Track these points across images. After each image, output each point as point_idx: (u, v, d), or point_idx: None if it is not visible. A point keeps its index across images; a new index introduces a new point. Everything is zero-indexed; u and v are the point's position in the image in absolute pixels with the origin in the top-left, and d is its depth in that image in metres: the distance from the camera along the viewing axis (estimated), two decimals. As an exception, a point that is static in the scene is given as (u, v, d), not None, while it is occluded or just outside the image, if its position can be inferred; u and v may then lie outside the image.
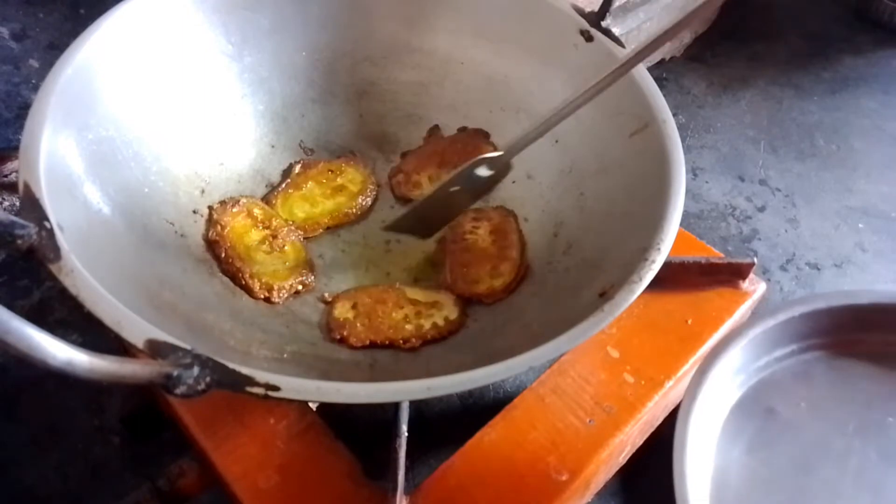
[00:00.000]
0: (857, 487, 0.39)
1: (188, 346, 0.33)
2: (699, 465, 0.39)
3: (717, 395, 0.41)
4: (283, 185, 0.62)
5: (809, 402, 0.42)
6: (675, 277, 0.58)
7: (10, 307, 0.23)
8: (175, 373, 0.31)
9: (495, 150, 0.64)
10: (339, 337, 0.52)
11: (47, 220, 0.37)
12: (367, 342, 0.52)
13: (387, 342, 0.52)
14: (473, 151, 0.64)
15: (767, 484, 0.40)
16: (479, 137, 0.66)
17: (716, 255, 0.62)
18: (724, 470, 0.40)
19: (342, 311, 0.54)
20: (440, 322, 0.53)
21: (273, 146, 0.64)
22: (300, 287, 0.56)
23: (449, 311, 0.54)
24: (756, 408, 0.43)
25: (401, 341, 0.52)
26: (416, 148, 0.67)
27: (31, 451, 0.73)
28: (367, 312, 0.53)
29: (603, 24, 0.58)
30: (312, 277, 0.57)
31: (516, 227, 0.60)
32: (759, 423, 0.42)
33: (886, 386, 0.43)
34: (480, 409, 0.78)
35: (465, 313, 0.55)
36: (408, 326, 0.53)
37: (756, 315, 0.44)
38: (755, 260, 0.59)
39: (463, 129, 0.67)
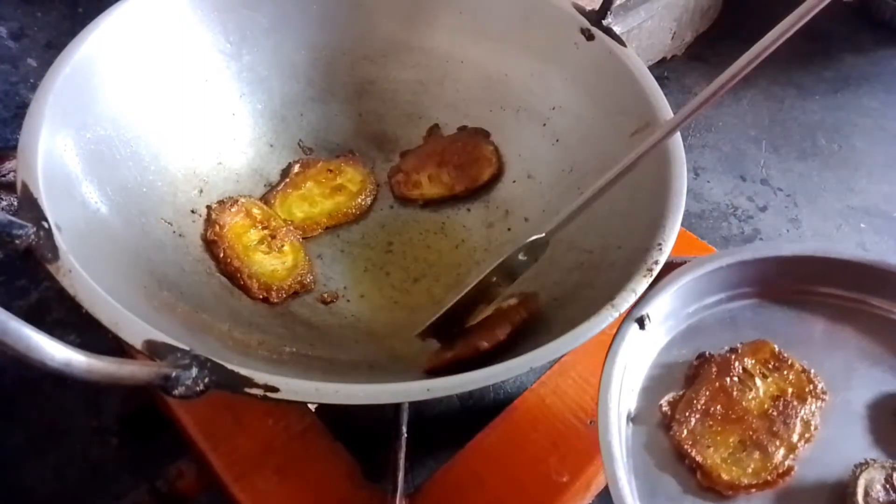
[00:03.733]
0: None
1: (186, 347, 0.32)
2: (623, 404, 0.41)
3: (646, 339, 0.44)
4: (282, 185, 0.62)
5: (733, 345, 0.45)
6: (676, 277, 0.58)
7: (8, 307, 0.23)
8: (173, 374, 0.30)
9: (495, 148, 0.64)
10: None
11: (45, 219, 0.37)
12: None
13: None
14: (473, 150, 0.64)
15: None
16: (479, 136, 0.66)
17: (717, 255, 0.62)
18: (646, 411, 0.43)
19: None
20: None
21: (272, 145, 0.64)
22: (299, 287, 0.55)
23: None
24: (682, 351, 0.46)
25: None
26: (415, 147, 0.67)
27: (29, 452, 0.73)
28: None
29: (604, 22, 0.58)
30: (311, 278, 0.57)
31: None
32: (683, 361, 0.45)
33: (804, 331, 0.46)
34: (480, 410, 0.78)
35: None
36: None
37: (686, 265, 0.45)
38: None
39: (463, 128, 0.66)
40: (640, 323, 0.42)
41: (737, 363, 0.43)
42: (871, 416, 0.42)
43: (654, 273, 0.42)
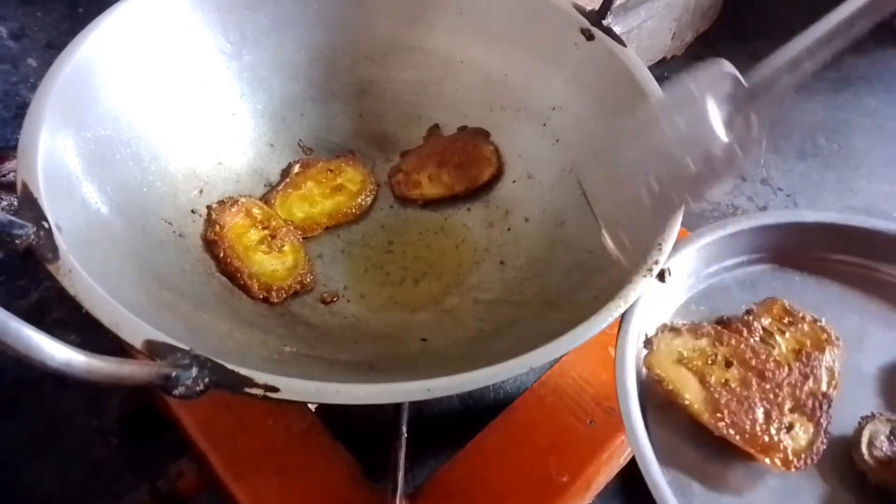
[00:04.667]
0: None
1: (186, 347, 0.32)
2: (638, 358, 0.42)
3: (665, 295, 0.45)
4: (282, 185, 0.62)
5: (750, 306, 0.46)
6: (676, 277, 0.58)
7: (8, 307, 0.23)
8: (173, 373, 0.30)
9: (495, 148, 0.64)
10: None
11: (45, 219, 0.37)
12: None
13: None
14: (473, 150, 0.64)
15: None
16: (480, 136, 0.66)
17: (717, 254, 0.62)
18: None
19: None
20: None
21: (272, 145, 0.64)
22: (299, 287, 0.55)
23: None
24: (700, 308, 0.47)
25: None
26: (415, 147, 0.67)
27: (29, 452, 0.73)
28: None
29: (604, 22, 0.58)
30: (311, 278, 0.57)
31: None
32: (701, 319, 0.46)
33: (821, 297, 0.48)
34: (481, 410, 0.78)
35: None
36: None
37: (708, 226, 0.47)
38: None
39: (463, 128, 0.66)
40: (661, 276, 0.43)
41: (755, 323, 0.44)
42: (882, 378, 0.43)
43: (655, 273, 0.42)
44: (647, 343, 0.42)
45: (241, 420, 0.50)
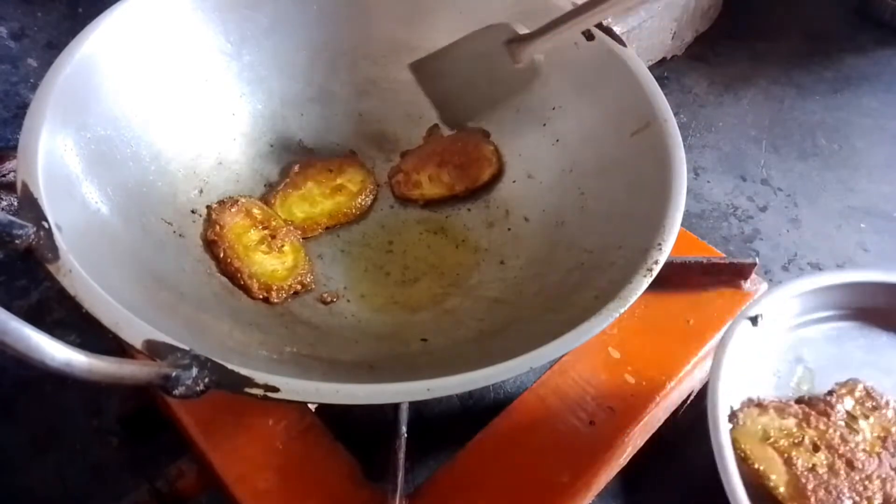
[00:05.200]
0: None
1: (187, 347, 0.32)
2: (731, 389, 0.42)
3: (755, 339, 0.45)
4: (282, 185, 0.62)
5: (836, 361, 0.46)
6: (676, 278, 0.58)
7: (9, 308, 0.23)
8: (173, 373, 0.30)
9: (495, 148, 0.64)
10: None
11: (45, 219, 0.37)
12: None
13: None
14: (473, 150, 0.64)
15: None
16: (479, 136, 0.66)
17: (717, 255, 0.62)
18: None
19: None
20: None
21: (272, 145, 0.64)
22: (299, 287, 0.55)
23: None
24: (788, 357, 0.47)
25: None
26: (415, 147, 0.67)
27: (29, 453, 0.73)
28: None
29: (604, 22, 0.58)
30: (311, 278, 0.57)
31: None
32: (786, 367, 0.47)
33: None
34: (480, 410, 0.78)
35: None
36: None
37: (802, 278, 0.47)
38: (757, 260, 0.59)
39: (463, 128, 0.66)
40: (754, 321, 0.43)
41: (838, 405, 0.43)
42: None
43: (655, 273, 0.42)
44: (733, 417, 0.42)
45: (241, 420, 0.50)
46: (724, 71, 1.36)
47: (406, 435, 0.48)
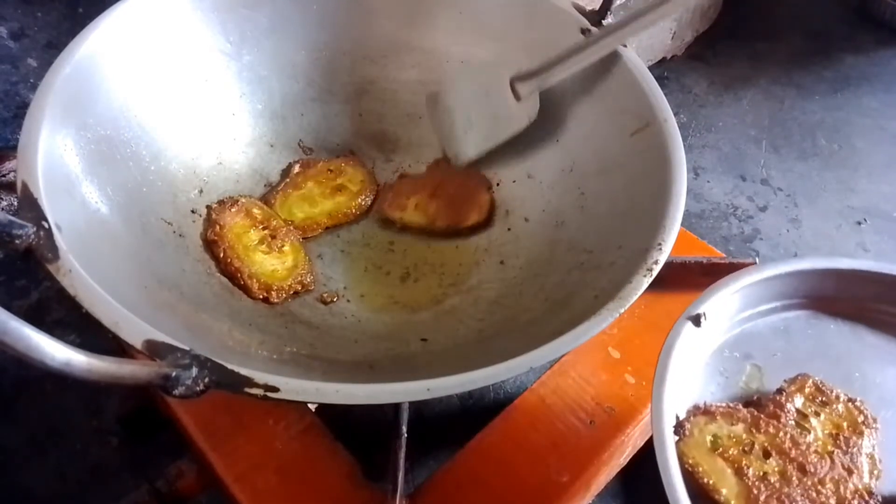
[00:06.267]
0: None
1: (186, 347, 0.32)
2: (676, 397, 0.41)
3: (700, 339, 0.44)
4: (282, 185, 0.62)
5: (784, 353, 0.45)
6: (676, 277, 0.58)
7: (8, 307, 0.23)
8: (173, 373, 0.30)
9: (491, 200, 0.63)
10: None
11: (45, 219, 0.37)
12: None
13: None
14: (468, 193, 0.63)
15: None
16: (481, 182, 0.63)
17: (717, 255, 0.62)
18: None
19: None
20: None
21: (272, 145, 0.64)
22: (299, 287, 0.55)
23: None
24: (734, 354, 0.46)
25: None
26: (416, 173, 0.66)
27: (29, 452, 0.73)
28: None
29: (604, 22, 0.58)
30: (311, 278, 0.57)
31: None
32: (734, 366, 0.45)
33: (857, 345, 0.46)
34: (480, 410, 0.78)
35: None
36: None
37: (743, 270, 0.46)
38: (757, 260, 0.59)
39: (473, 166, 0.64)
40: (696, 321, 0.42)
41: (788, 405, 0.42)
42: None
43: (655, 273, 0.42)
44: (679, 428, 0.40)
45: (241, 420, 0.50)
46: (724, 71, 1.36)
47: (406, 435, 0.48)
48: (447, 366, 0.38)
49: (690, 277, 0.59)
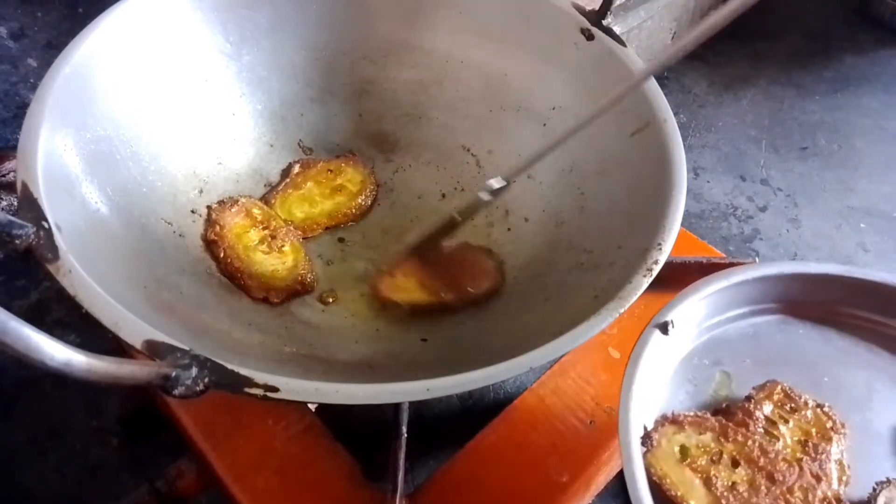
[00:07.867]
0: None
1: (186, 347, 0.32)
2: (644, 407, 0.40)
3: (668, 346, 0.43)
4: (282, 185, 0.62)
5: (754, 359, 0.45)
6: (676, 277, 0.58)
7: (8, 307, 0.23)
8: (173, 373, 0.30)
9: (497, 264, 0.59)
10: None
11: (45, 219, 0.37)
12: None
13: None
14: (473, 264, 0.59)
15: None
16: (481, 252, 0.60)
17: (717, 255, 0.62)
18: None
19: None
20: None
21: (272, 146, 0.64)
22: (299, 287, 0.55)
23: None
24: (703, 361, 0.45)
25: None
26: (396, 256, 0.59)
27: (29, 452, 0.73)
28: None
29: (604, 22, 0.58)
30: (311, 278, 0.57)
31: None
32: (703, 373, 0.45)
33: (826, 349, 0.46)
34: (480, 410, 0.78)
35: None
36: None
37: (712, 276, 0.45)
38: (757, 260, 0.59)
39: (464, 245, 0.61)
40: (664, 328, 0.41)
41: (757, 412, 0.41)
42: (894, 438, 0.41)
43: (654, 273, 0.42)
44: (647, 439, 0.39)
45: (241, 420, 0.50)
46: (724, 71, 1.36)
47: (406, 435, 0.48)
48: (447, 366, 0.38)
49: (690, 277, 0.59)
